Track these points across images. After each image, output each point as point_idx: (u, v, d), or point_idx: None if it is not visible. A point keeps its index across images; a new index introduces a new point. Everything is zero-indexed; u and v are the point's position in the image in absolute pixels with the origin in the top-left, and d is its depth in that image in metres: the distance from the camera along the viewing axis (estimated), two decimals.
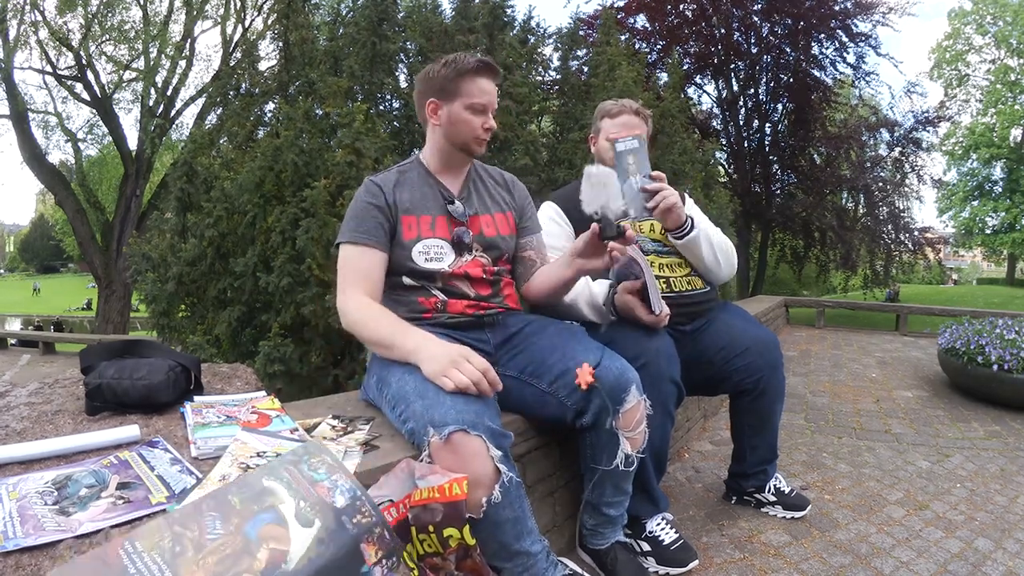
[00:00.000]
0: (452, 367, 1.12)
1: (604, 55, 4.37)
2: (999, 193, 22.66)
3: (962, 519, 1.90)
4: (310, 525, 0.72)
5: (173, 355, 1.26)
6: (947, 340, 3.62)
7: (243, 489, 0.73)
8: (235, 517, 0.69)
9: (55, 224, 44.70)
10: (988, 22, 22.12)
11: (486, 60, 1.40)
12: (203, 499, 0.71)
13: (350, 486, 0.81)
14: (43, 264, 55.31)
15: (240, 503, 0.71)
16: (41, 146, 11.75)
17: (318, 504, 0.75)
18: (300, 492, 0.76)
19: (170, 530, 0.66)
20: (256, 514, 0.70)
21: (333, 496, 0.78)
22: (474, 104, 1.38)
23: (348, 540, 0.74)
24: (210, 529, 0.67)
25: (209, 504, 0.70)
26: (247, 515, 0.70)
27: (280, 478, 0.77)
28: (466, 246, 1.41)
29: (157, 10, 11.56)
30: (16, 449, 0.91)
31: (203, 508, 0.70)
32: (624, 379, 1.29)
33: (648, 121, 1.85)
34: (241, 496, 0.72)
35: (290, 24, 3.79)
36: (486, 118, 1.40)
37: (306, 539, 0.70)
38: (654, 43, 10.32)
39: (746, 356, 1.71)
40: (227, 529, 0.68)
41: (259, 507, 0.71)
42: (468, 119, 1.39)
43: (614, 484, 1.41)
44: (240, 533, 0.68)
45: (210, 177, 3.26)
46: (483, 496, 1.05)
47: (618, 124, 1.79)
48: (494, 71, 1.41)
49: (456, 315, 1.38)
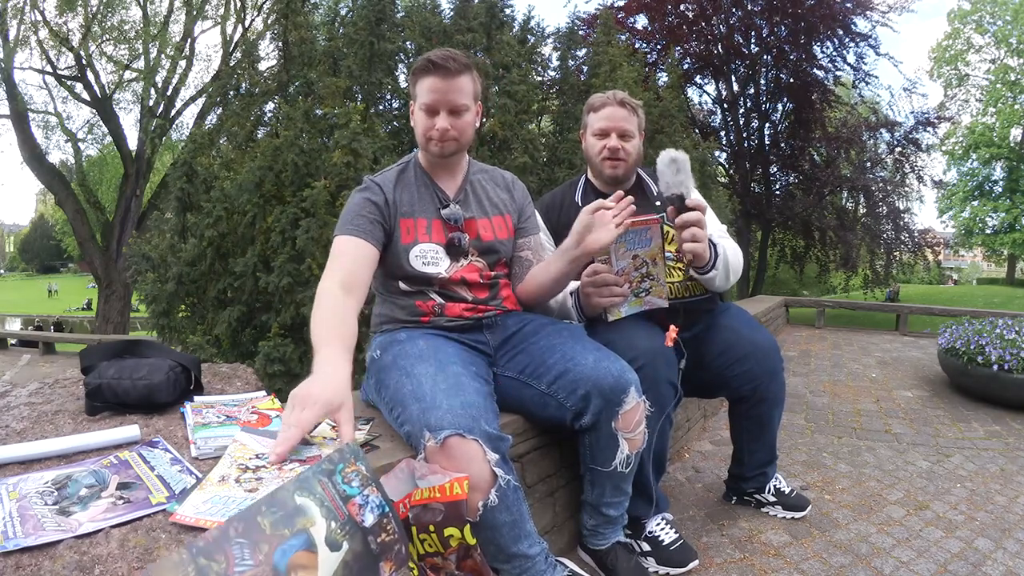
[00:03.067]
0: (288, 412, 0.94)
1: (604, 55, 4.38)
2: (999, 193, 22.65)
3: (962, 519, 1.90)
4: (338, 549, 0.70)
5: (173, 355, 1.26)
6: (947, 340, 3.62)
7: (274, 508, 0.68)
8: (264, 544, 0.65)
9: (55, 224, 44.73)
10: (987, 21, 22.12)
11: (433, 58, 1.34)
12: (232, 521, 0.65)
13: (379, 502, 0.79)
14: (43, 264, 55.29)
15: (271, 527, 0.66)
16: (41, 146, 11.76)
17: (348, 525, 0.73)
18: (333, 512, 0.72)
19: (194, 563, 0.59)
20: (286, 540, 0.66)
21: (363, 515, 0.76)
22: (423, 104, 1.36)
23: (371, 562, 0.73)
24: (238, 559, 0.62)
25: (237, 528, 0.64)
26: (277, 541, 0.66)
27: (313, 492, 0.72)
28: (462, 251, 1.40)
29: (157, 10, 11.59)
30: (16, 449, 0.91)
31: (230, 533, 0.64)
32: (623, 380, 1.28)
33: (638, 111, 1.73)
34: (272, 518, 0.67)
35: (289, 24, 3.79)
36: (436, 119, 1.35)
37: (333, 563, 0.68)
38: (654, 43, 10.32)
39: (744, 363, 1.67)
40: (256, 559, 0.63)
41: (290, 531, 0.67)
42: (420, 119, 1.37)
43: (614, 485, 1.41)
44: (269, 563, 0.64)
45: (210, 177, 3.27)
46: (479, 500, 1.04)
47: (601, 117, 1.70)
48: (443, 68, 1.33)
49: (454, 318, 1.38)
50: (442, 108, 1.35)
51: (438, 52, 1.35)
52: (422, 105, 1.36)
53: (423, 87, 1.35)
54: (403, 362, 1.24)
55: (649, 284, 1.48)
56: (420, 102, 1.36)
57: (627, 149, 1.68)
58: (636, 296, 1.48)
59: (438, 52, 1.35)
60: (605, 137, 1.68)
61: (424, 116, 1.36)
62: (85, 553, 0.69)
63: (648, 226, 1.43)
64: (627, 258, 1.45)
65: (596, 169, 1.73)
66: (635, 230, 1.42)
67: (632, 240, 1.43)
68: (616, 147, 1.66)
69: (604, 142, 1.68)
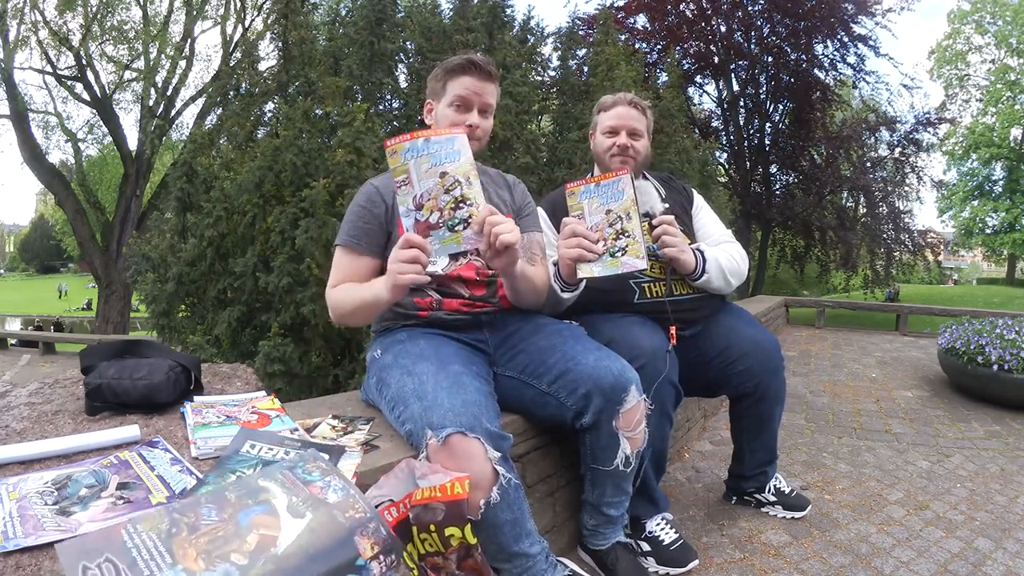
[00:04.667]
0: (395, 272, 1.12)
1: (603, 55, 4.38)
2: (999, 193, 22.64)
3: (962, 519, 1.90)
4: (301, 517, 0.76)
5: (173, 355, 1.26)
6: (947, 340, 3.62)
7: (239, 487, 0.80)
8: (229, 508, 0.75)
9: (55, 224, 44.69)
10: (987, 21, 22.12)
11: (473, 59, 1.39)
12: (202, 495, 0.78)
13: (343, 486, 0.84)
14: (43, 264, 55.28)
15: (236, 498, 0.77)
16: (41, 146, 11.75)
17: (310, 500, 0.80)
18: (293, 490, 0.81)
19: (169, 516, 0.72)
20: (249, 506, 0.76)
21: (326, 494, 0.81)
22: (455, 99, 1.38)
23: (340, 531, 0.76)
24: (205, 516, 0.73)
25: (207, 498, 0.77)
26: (241, 506, 0.76)
27: (275, 479, 0.83)
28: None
29: (157, 10, 11.58)
30: (16, 449, 0.91)
31: (201, 500, 0.76)
32: (624, 379, 1.28)
33: (647, 113, 1.77)
34: (238, 493, 0.78)
35: (289, 24, 3.78)
36: (469, 115, 1.38)
37: (297, 528, 0.74)
38: (654, 43, 10.32)
39: (745, 360, 1.68)
40: (221, 517, 0.74)
41: (253, 501, 0.77)
42: (447, 115, 1.38)
43: (614, 484, 1.41)
44: (233, 521, 0.73)
45: (210, 177, 3.26)
46: (481, 498, 1.05)
47: (612, 115, 1.72)
48: (482, 70, 1.39)
49: (452, 312, 1.39)
50: (476, 106, 1.38)
51: (478, 56, 1.40)
52: (455, 99, 1.37)
53: (458, 84, 1.37)
54: (404, 361, 1.24)
55: (625, 242, 1.42)
56: (453, 95, 1.37)
57: (636, 148, 1.71)
58: (612, 256, 1.43)
59: (478, 56, 1.40)
60: (615, 135, 1.70)
61: (453, 112, 1.37)
62: None
63: (619, 177, 1.42)
64: (600, 212, 1.42)
65: (604, 166, 1.74)
66: (606, 183, 1.42)
67: (604, 194, 1.42)
68: (626, 144, 1.69)
69: (614, 140, 1.70)
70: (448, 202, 1.13)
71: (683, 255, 1.60)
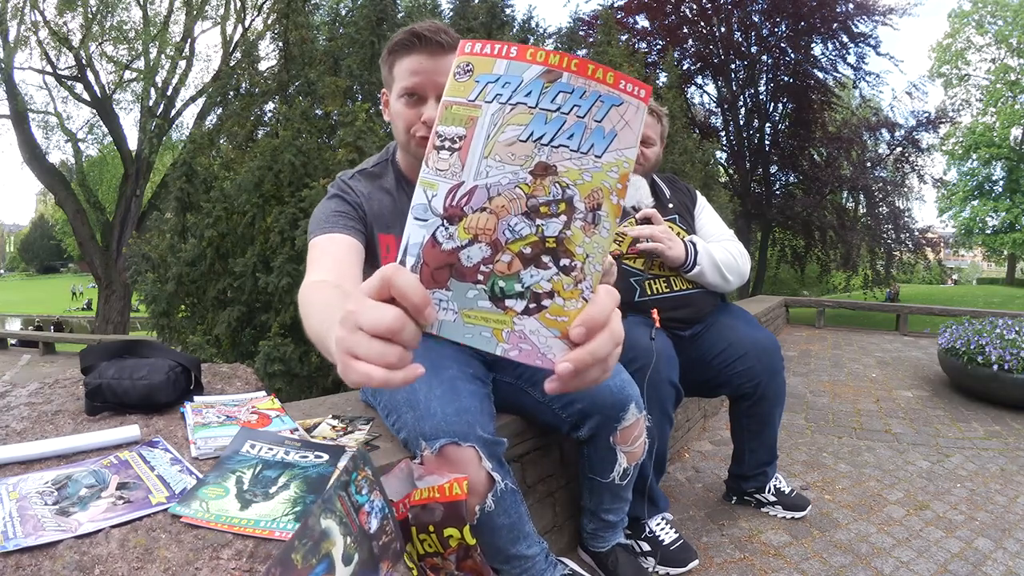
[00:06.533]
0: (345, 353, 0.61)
1: (604, 56, 4.38)
2: (999, 193, 22.64)
3: (962, 519, 1.90)
4: (351, 563, 0.72)
5: (173, 355, 1.26)
6: (947, 340, 3.62)
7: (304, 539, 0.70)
8: None
9: (55, 224, 44.70)
10: (988, 21, 22.12)
11: (418, 30, 1.05)
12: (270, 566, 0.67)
13: (381, 505, 0.81)
14: (43, 264, 55.29)
15: (302, 560, 0.68)
16: (41, 146, 11.77)
17: (359, 536, 0.75)
18: (348, 527, 0.75)
19: None
20: (313, 569, 0.69)
21: (370, 522, 0.78)
22: (402, 90, 1.06)
23: (372, 566, 0.75)
24: None
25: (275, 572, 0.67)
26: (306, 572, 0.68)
27: (334, 511, 0.74)
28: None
29: (157, 10, 11.60)
30: (16, 449, 0.91)
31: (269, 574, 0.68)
32: (623, 396, 1.25)
33: (662, 120, 1.77)
34: (303, 551, 0.69)
35: (290, 24, 3.79)
36: (424, 107, 1.05)
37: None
38: (654, 43, 10.33)
39: (745, 361, 1.68)
40: None
41: (316, 559, 0.70)
42: (400, 111, 1.08)
43: (612, 494, 1.40)
44: None
45: (210, 177, 3.26)
46: (476, 504, 1.04)
47: None
48: (431, 42, 1.03)
49: None
50: (430, 93, 1.04)
51: (424, 24, 1.06)
52: (402, 90, 1.06)
53: (404, 67, 1.05)
54: None
55: None
56: (399, 87, 1.06)
57: (646, 155, 1.72)
58: None
59: (424, 24, 1.06)
60: None
61: (404, 106, 1.07)
62: (85, 553, 0.69)
63: None
64: None
65: None
66: None
67: None
68: None
69: None
70: (529, 235, 0.45)
71: (670, 251, 1.60)
